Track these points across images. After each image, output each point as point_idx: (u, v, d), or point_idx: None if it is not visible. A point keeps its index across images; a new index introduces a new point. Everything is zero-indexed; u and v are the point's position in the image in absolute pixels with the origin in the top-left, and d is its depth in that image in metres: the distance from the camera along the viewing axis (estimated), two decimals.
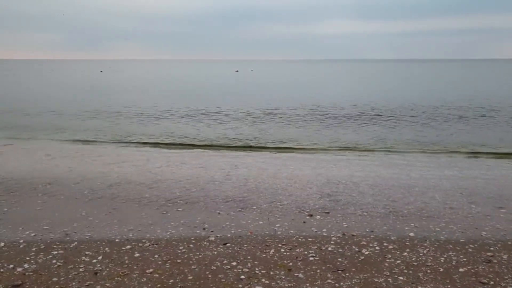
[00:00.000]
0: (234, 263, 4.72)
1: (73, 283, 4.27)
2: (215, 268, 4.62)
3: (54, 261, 4.78)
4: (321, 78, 56.04)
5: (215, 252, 5.03)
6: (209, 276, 4.43)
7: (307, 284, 4.24)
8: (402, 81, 45.90)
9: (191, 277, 4.40)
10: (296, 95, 27.44)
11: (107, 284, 4.25)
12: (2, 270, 4.58)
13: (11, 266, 4.67)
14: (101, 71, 75.49)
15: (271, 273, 4.49)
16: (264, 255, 4.95)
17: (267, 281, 4.30)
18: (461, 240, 5.40)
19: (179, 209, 6.68)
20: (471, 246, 5.22)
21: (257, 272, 4.51)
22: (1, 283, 4.26)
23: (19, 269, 4.59)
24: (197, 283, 4.28)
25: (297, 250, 5.09)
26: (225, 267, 4.63)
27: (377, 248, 5.15)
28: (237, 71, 78.73)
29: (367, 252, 5.01)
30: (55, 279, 4.37)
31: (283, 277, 4.40)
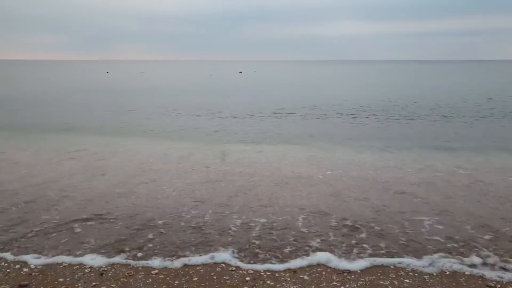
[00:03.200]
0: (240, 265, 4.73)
1: (79, 284, 4.29)
2: (220, 269, 4.62)
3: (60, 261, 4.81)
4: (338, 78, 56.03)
5: None
6: (214, 277, 4.44)
7: (313, 286, 4.24)
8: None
9: (196, 279, 4.41)
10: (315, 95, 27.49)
11: (112, 285, 4.27)
12: (8, 270, 4.61)
13: (18, 266, 4.70)
14: (107, 72, 75.94)
15: (276, 275, 4.49)
16: None
17: (272, 283, 4.31)
18: None
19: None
20: None
21: (262, 274, 4.51)
22: (8, 283, 4.29)
23: (25, 269, 4.62)
24: (202, 284, 4.29)
25: None
26: (230, 269, 4.63)
27: None
28: (241, 72, 78.76)
29: None
30: (61, 279, 4.40)
31: (288, 279, 4.40)
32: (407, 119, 17.20)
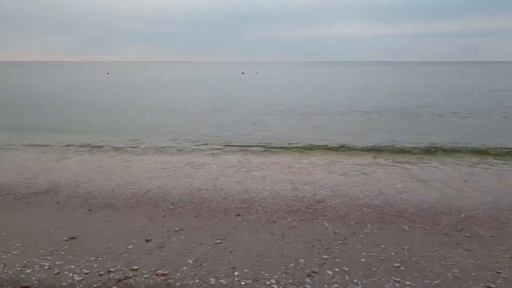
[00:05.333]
0: None
1: (81, 285, 4.28)
2: None
3: None
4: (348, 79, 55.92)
5: None
6: None
7: None
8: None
9: None
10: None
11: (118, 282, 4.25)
12: (10, 271, 4.60)
13: (18, 268, 4.70)
14: (108, 73, 76.13)
15: None
16: None
17: None
18: None
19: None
20: None
21: None
22: (11, 284, 4.29)
23: (27, 271, 4.61)
24: None
25: None
26: None
27: None
28: (243, 73, 79.03)
29: None
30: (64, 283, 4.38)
31: None
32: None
